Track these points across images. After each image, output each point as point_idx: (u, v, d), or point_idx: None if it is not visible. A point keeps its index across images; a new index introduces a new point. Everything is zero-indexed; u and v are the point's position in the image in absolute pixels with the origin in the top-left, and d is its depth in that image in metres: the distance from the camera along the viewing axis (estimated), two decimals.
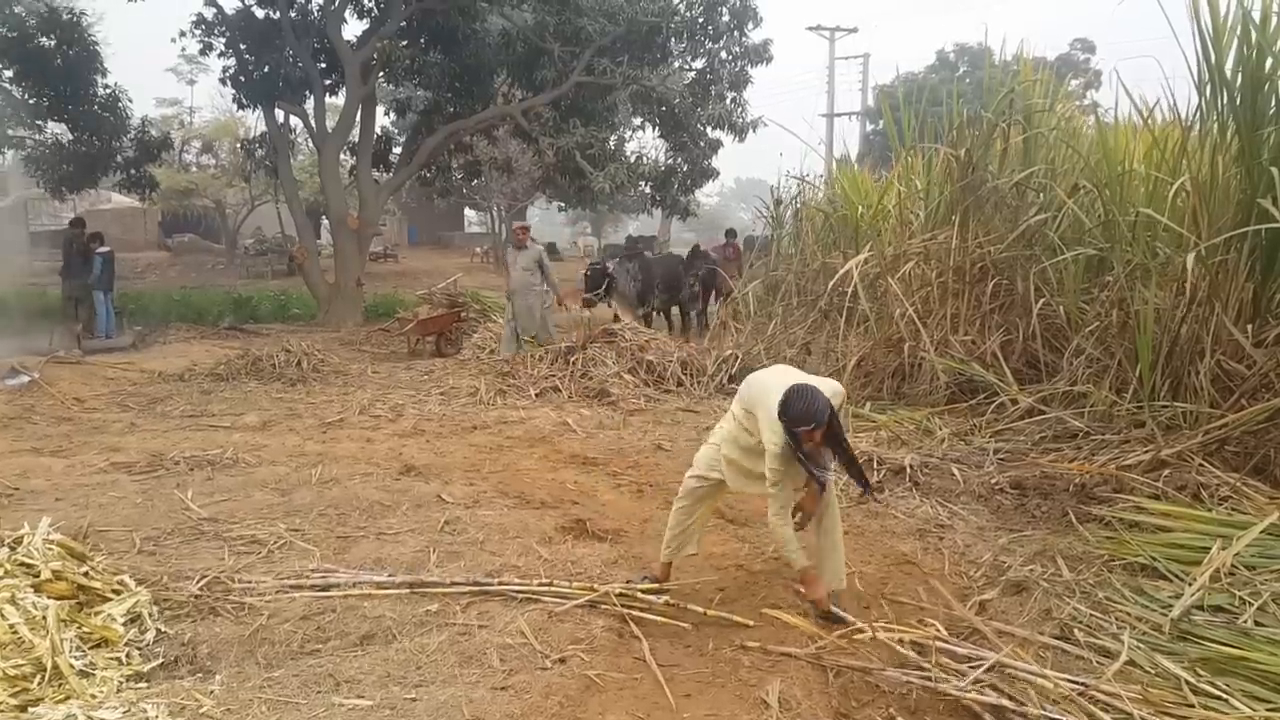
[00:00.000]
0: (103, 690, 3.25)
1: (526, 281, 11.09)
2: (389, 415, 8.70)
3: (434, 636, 3.81)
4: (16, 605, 3.41)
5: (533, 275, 11.08)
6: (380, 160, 18.11)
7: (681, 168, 18.15)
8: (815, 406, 3.72)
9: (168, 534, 5.03)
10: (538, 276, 11.10)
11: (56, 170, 17.55)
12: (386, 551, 4.84)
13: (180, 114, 34.67)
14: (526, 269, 11.13)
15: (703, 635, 3.95)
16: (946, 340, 8.13)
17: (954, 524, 5.45)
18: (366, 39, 16.68)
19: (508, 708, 3.23)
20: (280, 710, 3.18)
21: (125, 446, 7.17)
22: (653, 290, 13.15)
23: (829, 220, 11.26)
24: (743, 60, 17.34)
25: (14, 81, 16.69)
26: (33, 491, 5.85)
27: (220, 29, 17.16)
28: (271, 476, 6.24)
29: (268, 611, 4.00)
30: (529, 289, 11.08)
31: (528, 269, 11.13)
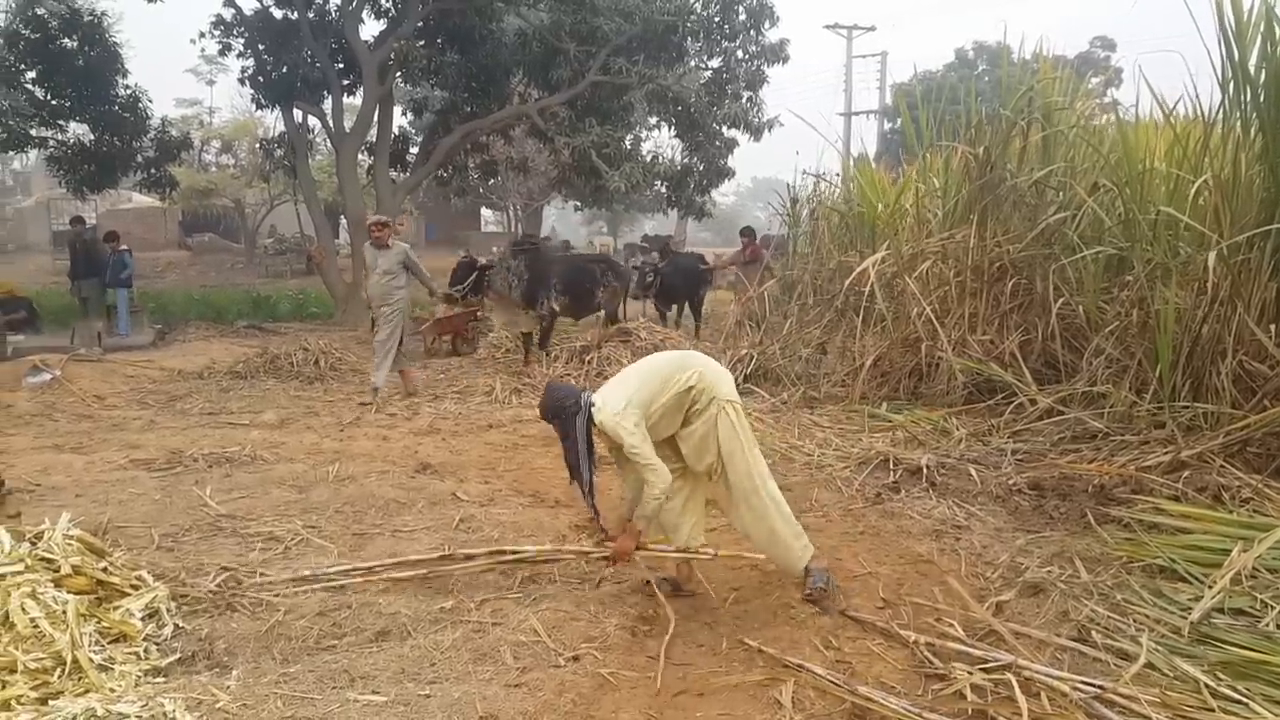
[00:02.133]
0: (121, 684, 3.27)
1: (387, 288, 9.26)
2: (405, 414, 8.74)
3: (448, 633, 3.82)
4: (37, 599, 3.45)
5: (395, 279, 9.26)
6: (397, 160, 18.17)
7: (697, 167, 18.12)
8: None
9: (186, 530, 5.07)
10: (402, 278, 9.34)
11: (78, 170, 17.70)
12: (402, 548, 4.85)
13: (200, 114, 34.89)
14: (389, 273, 9.26)
15: (716, 635, 3.95)
16: (964, 340, 8.08)
17: (971, 525, 5.41)
18: (384, 39, 16.74)
19: (521, 705, 3.24)
20: (296, 705, 3.20)
21: (145, 443, 7.23)
22: (546, 290, 11.10)
23: (845, 219, 11.21)
24: (759, 59, 17.30)
25: (37, 82, 16.83)
26: (53, 488, 5.90)
27: (239, 30, 17.25)
28: (289, 474, 6.27)
29: (284, 607, 4.03)
30: (392, 293, 9.27)
31: (390, 273, 9.26)
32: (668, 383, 4.15)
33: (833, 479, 6.34)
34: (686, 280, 13.67)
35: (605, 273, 11.89)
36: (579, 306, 11.73)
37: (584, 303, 11.66)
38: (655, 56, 16.27)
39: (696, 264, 14.26)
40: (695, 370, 4.22)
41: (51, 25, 16.46)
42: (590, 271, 11.84)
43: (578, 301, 11.56)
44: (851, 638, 3.93)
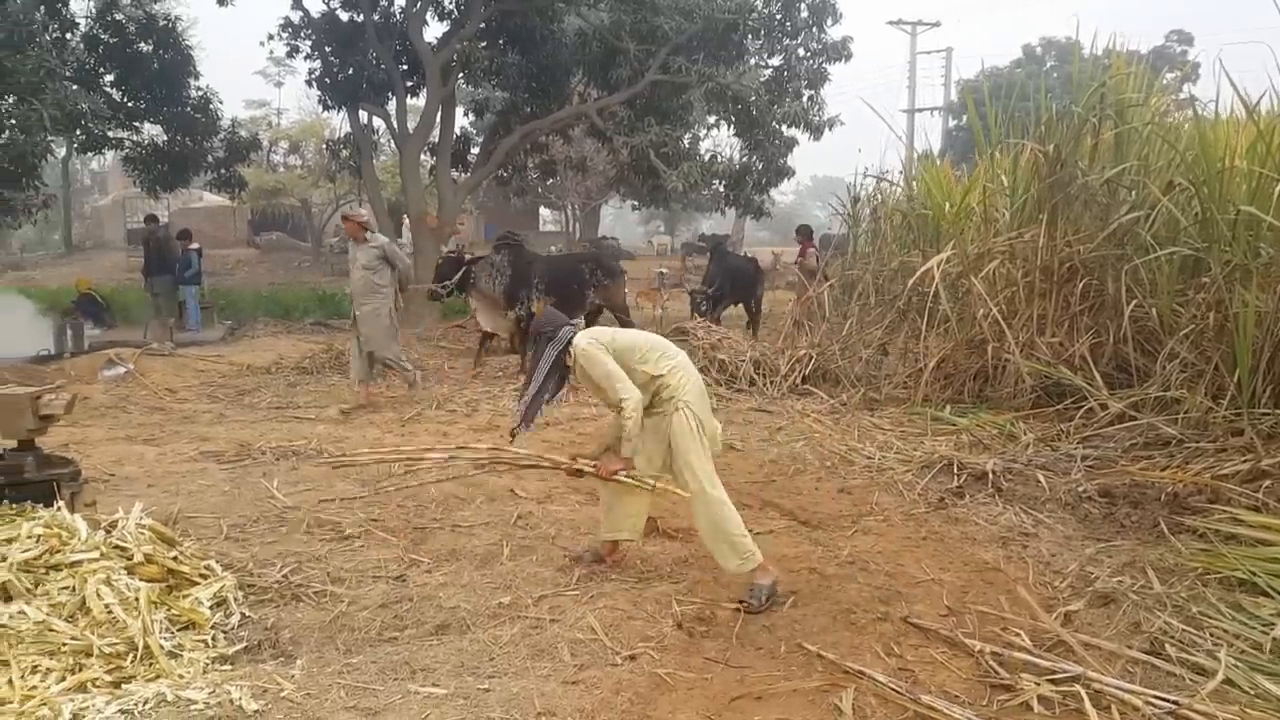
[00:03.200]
0: (190, 671, 3.35)
1: (368, 284, 8.91)
2: (464, 410, 8.82)
3: (506, 629, 3.84)
4: (111, 586, 3.54)
5: (376, 275, 8.90)
6: (459, 160, 18.38)
7: (756, 166, 18.00)
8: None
9: (253, 521, 5.17)
10: (384, 275, 8.95)
11: (152, 170, 18.24)
12: (461, 544, 4.90)
13: (268, 115, 35.75)
14: (368, 268, 8.91)
15: (774, 638, 3.90)
16: (1032, 342, 7.90)
17: (1039, 532, 5.29)
18: (447, 41, 16.94)
19: (578, 702, 3.24)
20: (358, 696, 3.24)
21: (214, 436, 7.41)
22: (528, 289, 10.71)
23: (908, 218, 11.05)
24: (821, 57, 17.14)
25: (114, 85, 17.40)
26: (127, 478, 6.07)
27: (306, 32, 17.61)
28: (352, 468, 6.36)
29: (347, 599, 4.09)
30: (372, 292, 8.93)
31: (369, 267, 8.91)
32: (643, 357, 4.38)
33: (894, 482, 6.25)
34: (737, 283, 13.42)
35: (595, 271, 11.37)
36: (566, 308, 10.91)
37: (572, 304, 10.94)
38: (715, 55, 16.20)
39: (748, 265, 14.09)
40: (671, 364, 4.40)
41: (129, 30, 17.01)
42: (578, 271, 11.30)
43: (565, 303, 10.73)
44: (914, 645, 3.86)
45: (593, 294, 11.23)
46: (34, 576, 3.55)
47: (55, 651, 3.28)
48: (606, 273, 11.48)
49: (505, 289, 10.61)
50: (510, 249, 10.97)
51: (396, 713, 3.13)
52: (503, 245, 11.08)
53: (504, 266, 10.67)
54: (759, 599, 4.16)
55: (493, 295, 10.68)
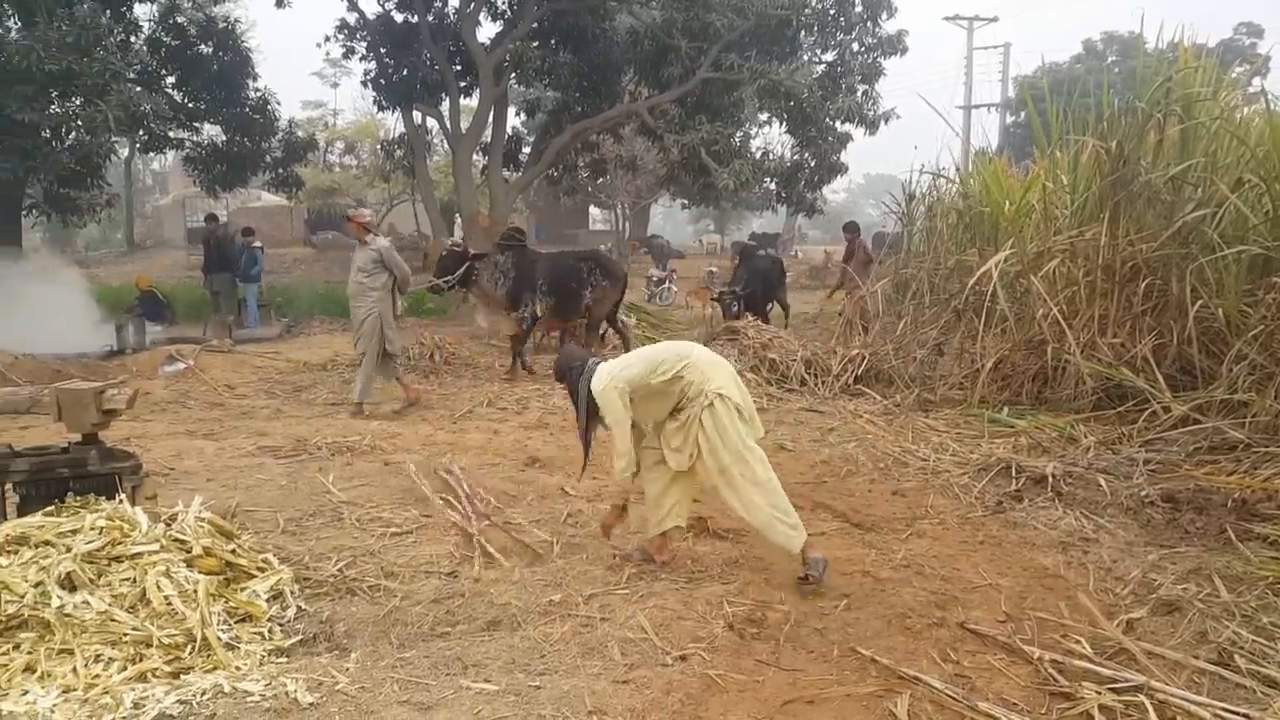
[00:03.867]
0: (246, 663, 3.40)
1: (360, 286, 8.64)
2: (515, 408, 8.86)
3: (557, 626, 3.84)
4: (171, 578, 3.61)
5: (369, 278, 8.57)
6: (510, 160, 18.50)
7: (808, 163, 17.85)
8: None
9: (309, 515, 5.24)
10: (378, 279, 8.57)
11: (211, 170, 18.65)
12: (510, 541, 4.91)
13: (324, 116, 36.40)
14: (362, 269, 8.62)
15: (827, 642, 3.85)
16: (1093, 343, 7.72)
17: (1099, 537, 5.16)
18: (499, 41, 17.06)
19: (629, 701, 3.22)
20: (411, 690, 3.26)
21: (272, 431, 7.53)
22: (532, 291, 10.40)
23: (965, 216, 10.86)
24: (875, 52, 16.95)
25: (175, 86, 17.81)
26: (186, 472, 6.19)
27: (361, 33, 17.85)
28: (405, 465, 6.42)
29: (401, 593, 4.13)
30: (362, 295, 8.63)
31: (363, 269, 8.61)
32: (656, 368, 4.42)
33: (950, 485, 6.15)
34: (765, 283, 13.36)
35: (593, 271, 11.03)
36: (565, 308, 10.86)
37: (570, 305, 10.83)
38: (768, 51, 16.10)
39: (771, 265, 14.04)
40: (686, 361, 4.44)
41: (190, 32, 17.42)
42: (577, 271, 10.94)
43: (563, 303, 10.75)
44: (971, 651, 3.78)
45: (588, 295, 10.86)
46: (97, 567, 3.63)
47: (117, 641, 3.36)
48: (606, 274, 11.13)
49: (509, 290, 10.35)
50: (514, 248, 10.67)
51: (449, 708, 3.14)
52: (506, 244, 10.78)
53: (508, 267, 10.39)
54: (818, 570, 4.28)
55: (495, 295, 10.40)
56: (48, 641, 3.34)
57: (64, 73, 11.96)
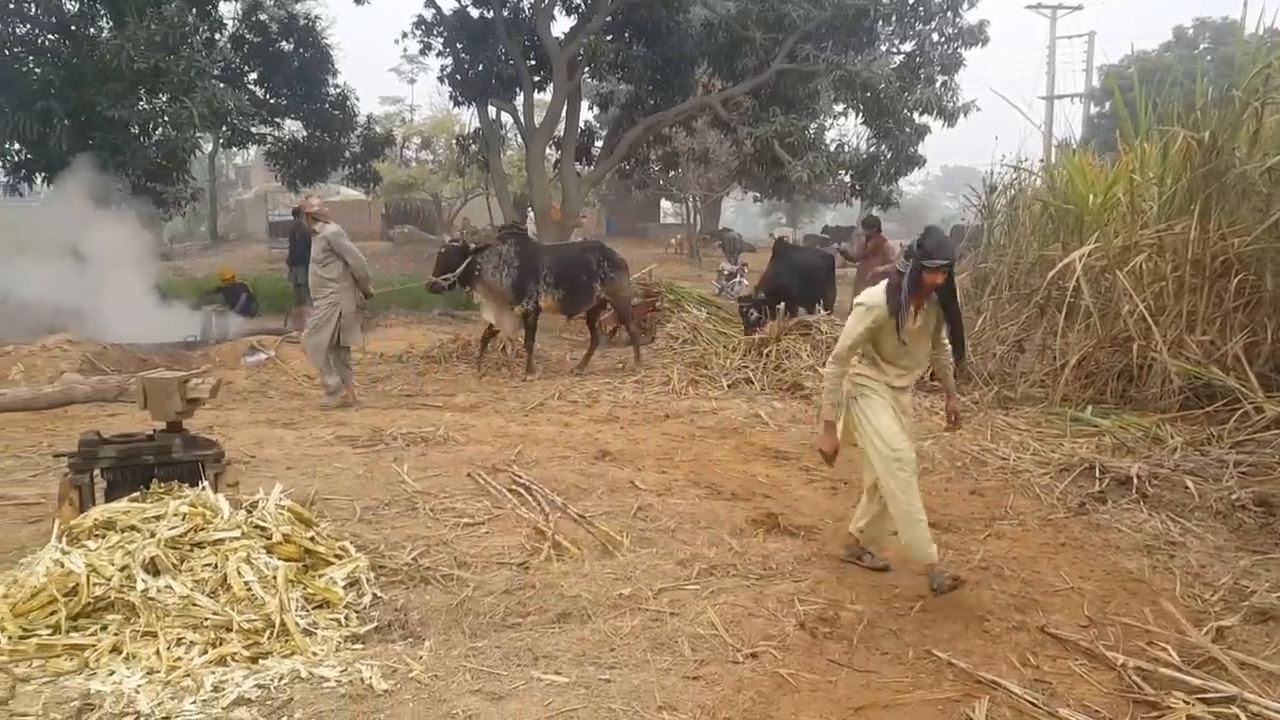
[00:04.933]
0: (323, 649, 3.46)
1: (318, 279, 8.38)
2: (585, 401, 8.89)
3: (627, 620, 3.83)
4: (251, 564, 3.70)
5: (324, 269, 8.28)
6: (583, 154, 18.58)
7: (885, 155, 17.56)
8: (949, 244, 4.06)
9: (385, 504, 5.33)
10: (333, 269, 8.27)
11: (292, 165, 19.10)
12: (582, 534, 4.92)
13: (401, 111, 36.95)
14: (317, 261, 8.35)
15: (902, 644, 3.78)
16: (1181, 340, 7.44)
17: (1187, 541, 4.97)
18: (574, 35, 17.14)
19: (699, 698, 3.20)
20: (483, 679, 3.28)
21: (349, 421, 7.68)
22: (536, 282, 10.14)
23: (1048, 209, 10.55)
24: (956, 42, 16.57)
25: (257, 83, 18.29)
26: (266, 460, 6.34)
27: (438, 29, 18.09)
28: (478, 455, 6.50)
29: (473, 583, 4.16)
30: (321, 287, 8.37)
31: (317, 260, 8.34)
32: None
33: (1030, 485, 5.98)
34: (804, 280, 12.25)
35: (601, 263, 10.73)
36: (572, 301, 10.60)
37: (578, 297, 10.57)
38: (844, 42, 15.87)
39: (816, 259, 13.08)
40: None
41: (272, 30, 17.86)
42: (585, 262, 10.68)
43: (571, 295, 10.49)
44: (1051, 656, 3.68)
45: (599, 287, 10.63)
46: (180, 553, 3.73)
47: (198, 625, 3.45)
48: (613, 266, 10.83)
49: (513, 282, 10.06)
50: (516, 239, 10.37)
51: (520, 699, 3.15)
52: (508, 236, 10.46)
53: (511, 258, 10.08)
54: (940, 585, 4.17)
55: (500, 288, 10.10)
56: (133, 624, 3.45)
57: (152, 70, 12.36)
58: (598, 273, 10.57)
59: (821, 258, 13.20)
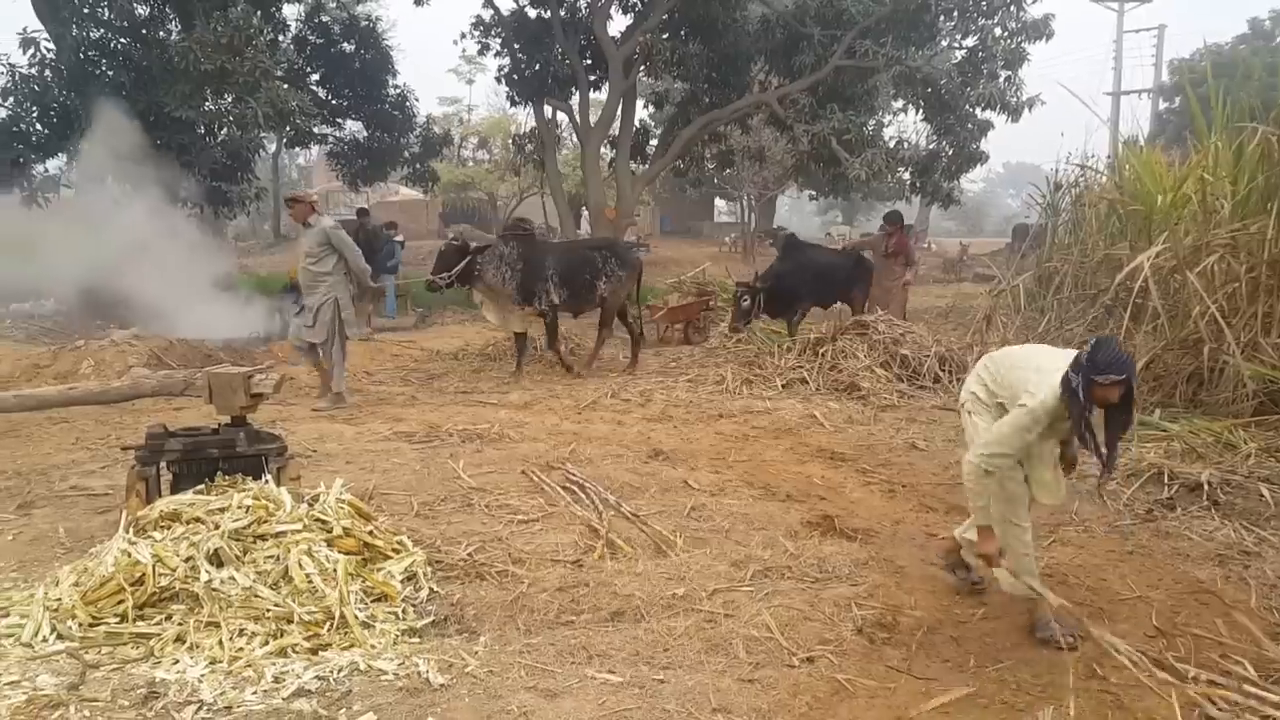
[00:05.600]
0: (381, 642, 3.50)
1: (311, 274, 8.21)
2: (638, 400, 8.88)
3: (680, 620, 3.81)
4: (312, 557, 3.75)
5: (318, 263, 8.14)
6: (637, 152, 18.58)
7: (946, 152, 17.27)
8: (1124, 358, 3.41)
9: (441, 500, 5.38)
10: (328, 262, 8.14)
11: (353, 164, 19.43)
12: (635, 533, 4.91)
13: (459, 112, 37.37)
14: (310, 254, 8.16)
15: (962, 651, 3.70)
16: (1255, 343, 7.19)
17: (1262, 551, 4.79)
18: (630, 34, 17.14)
19: (754, 701, 3.17)
20: (538, 676, 3.29)
21: (406, 417, 7.77)
22: (544, 282, 9.88)
23: (1115, 208, 10.28)
24: (1019, 36, 16.22)
25: (320, 84, 18.62)
26: (327, 454, 6.44)
27: (496, 30, 18.24)
28: (532, 452, 6.53)
29: (528, 580, 4.18)
30: (315, 283, 8.21)
31: (311, 255, 8.15)
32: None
33: (1096, 491, 5.83)
34: (818, 280, 11.50)
35: (608, 260, 10.46)
36: (578, 300, 10.41)
37: (584, 296, 10.35)
38: (905, 37, 15.63)
39: (835, 258, 12.23)
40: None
41: (334, 31, 18.19)
42: (591, 260, 10.42)
43: (577, 294, 10.28)
44: (1117, 667, 3.56)
45: (603, 285, 10.35)
46: (243, 544, 3.80)
47: (260, 616, 3.51)
48: (621, 263, 10.53)
49: (519, 283, 9.78)
50: (520, 239, 10.07)
51: (574, 697, 3.16)
52: (511, 235, 10.21)
53: (514, 259, 9.78)
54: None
55: (503, 289, 9.80)
56: (196, 614, 3.52)
57: (218, 71, 12.63)
58: (603, 270, 10.33)
59: (843, 256, 12.46)
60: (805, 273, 11.45)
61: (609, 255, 10.53)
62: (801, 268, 11.47)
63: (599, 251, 10.62)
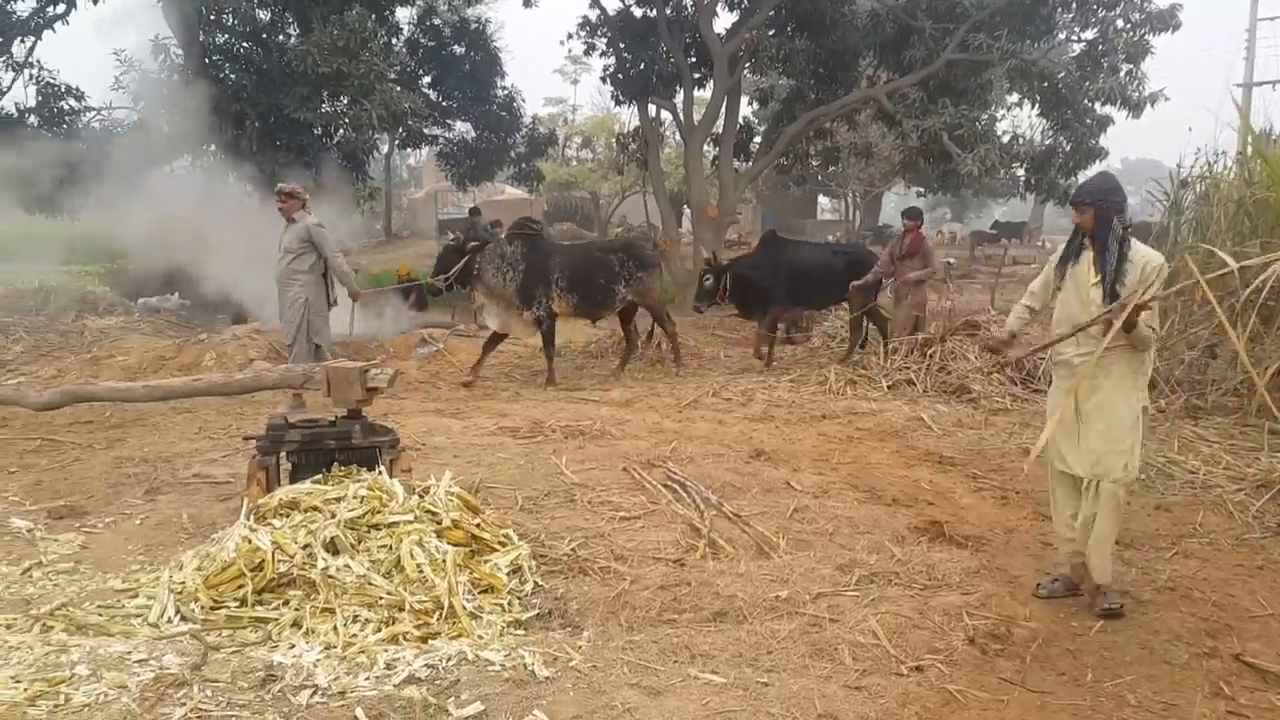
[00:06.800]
0: (488, 633, 3.57)
1: (287, 271, 7.96)
2: (739, 399, 8.83)
3: (784, 623, 3.77)
4: (423, 547, 3.85)
5: (296, 260, 7.91)
6: (741, 150, 18.45)
7: (1063, 148, 16.62)
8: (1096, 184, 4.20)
9: (545, 495, 5.45)
10: (306, 260, 7.92)
11: (462, 165, 19.87)
12: (737, 533, 4.88)
13: (564, 112, 37.82)
14: (289, 250, 7.92)
15: (1079, 665, 3.56)
16: None
17: None
18: (735, 31, 17.04)
19: (862, 709, 3.11)
20: (641, 674, 3.30)
21: (511, 413, 7.90)
22: (546, 286, 9.43)
23: (1245, 205, 9.72)
24: (1143, 28, 15.48)
25: (431, 86, 19.09)
26: (435, 447, 6.60)
27: (602, 30, 18.36)
28: (633, 450, 6.56)
29: (630, 577, 4.20)
30: (290, 279, 7.98)
31: (290, 250, 7.92)
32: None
33: (1222, 502, 5.54)
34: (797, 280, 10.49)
35: (625, 263, 9.84)
36: (593, 305, 9.85)
37: (600, 301, 9.79)
38: (1020, 30, 15.09)
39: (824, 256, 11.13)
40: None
41: (445, 33, 18.61)
42: (606, 263, 9.81)
43: (590, 299, 9.71)
44: (1249, 688, 3.39)
45: (624, 288, 9.81)
46: (357, 534, 3.92)
47: (373, 604, 3.62)
48: (640, 264, 9.94)
49: (519, 286, 9.34)
50: (524, 238, 9.62)
51: (678, 696, 3.15)
52: (515, 234, 9.76)
53: (516, 259, 9.39)
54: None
55: (503, 292, 9.41)
56: (312, 600, 3.65)
57: (335, 74, 13.06)
58: (620, 273, 9.79)
59: (835, 255, 11.30)
60: (778, 273, 10.53)
61: (625, 257, 9.95)
62: (774, 267, 10.57)
63: (615, 254, 10.04)
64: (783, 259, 10.68)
